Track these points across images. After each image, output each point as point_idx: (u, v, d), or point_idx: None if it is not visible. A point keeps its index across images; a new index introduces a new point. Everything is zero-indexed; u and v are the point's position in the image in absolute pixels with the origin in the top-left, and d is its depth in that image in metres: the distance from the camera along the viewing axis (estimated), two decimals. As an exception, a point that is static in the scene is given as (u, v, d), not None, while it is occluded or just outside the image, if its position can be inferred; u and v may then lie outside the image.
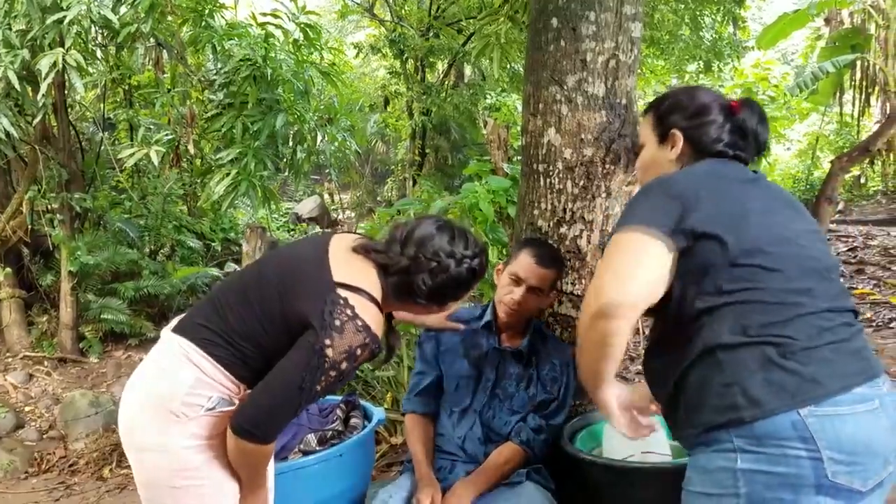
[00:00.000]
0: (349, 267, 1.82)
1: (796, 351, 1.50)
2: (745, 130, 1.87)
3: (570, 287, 2.83)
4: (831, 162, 4.10)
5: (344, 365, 1.73)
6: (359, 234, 2.04)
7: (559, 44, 2.74)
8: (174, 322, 1.91)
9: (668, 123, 1.92)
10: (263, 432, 1.74)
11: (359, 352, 1.74)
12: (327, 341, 1.69)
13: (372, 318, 1.77)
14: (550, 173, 2.81)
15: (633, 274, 1.58)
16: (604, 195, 2.79)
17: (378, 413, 2.83)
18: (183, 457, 1.76)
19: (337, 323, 1.70)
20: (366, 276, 1.84)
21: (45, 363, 6.51)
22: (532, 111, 2.84)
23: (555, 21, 2.74)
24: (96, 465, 5.15)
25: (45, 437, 5.55)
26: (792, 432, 1.44)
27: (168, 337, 1.84)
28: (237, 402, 1.81)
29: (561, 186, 2.80)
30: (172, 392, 1.75)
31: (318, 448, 2.62)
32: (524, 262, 2.56)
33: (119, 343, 6.97)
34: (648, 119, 1.99)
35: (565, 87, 2.74)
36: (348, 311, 1.72)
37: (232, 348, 1.78)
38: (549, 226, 2.85)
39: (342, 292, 1.75)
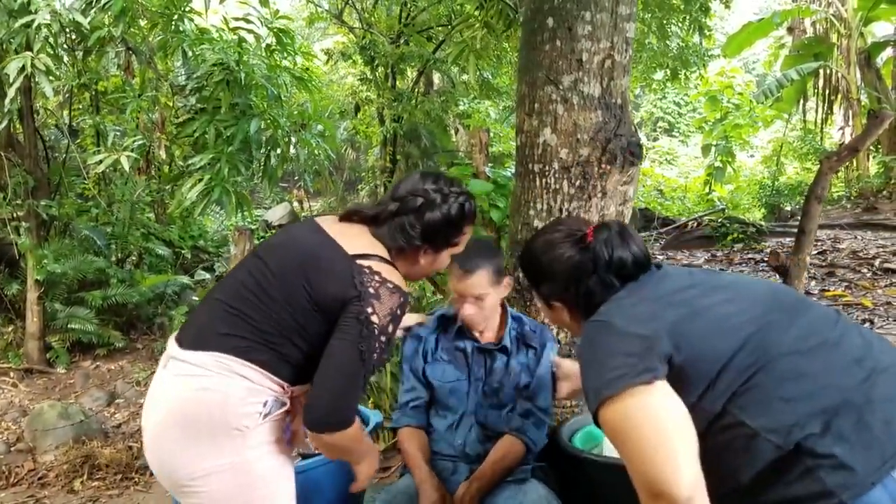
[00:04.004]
0: (351, 239, 1.85)
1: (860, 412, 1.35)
2: (598, 260, 1.67)
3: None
4: (820, 161, 4.17)
5: (390, 328, 1.78)
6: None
7: (555, 43, 2.74)
8: (173, 342, 1.83)
9: (543, 295, 1.82)
10: (340, 418, 1.74)
11: (399, 311, 1.79)
12: (370, 309, 1.73)
13: (396, 277, 1.82)
14: (546, 173, 2.81)
15: (677, 450, 1.30)
16: (600, 195, 2.80)
17: (375, 416, 2.79)
18: (255, 467, 1.75)
19: (371, 290, 1.75)
20: (367, 241, 1.88)
21: (11, 374, 6.32)
22: (527, 111, 2.84)
23: (550, 21, 2.74)
24: (67, 477, 5.01)
25: (12, 449, 5.38)
26: (884, 494, 1.31)
27: (188, 356, 1.75)
28: (287, 400, 1.81)
29: (557, 186, 2.80)
30: (225, 410, 1.70)
31: (317, 451, 2.56)
32: (452, 278, 2.49)
33: (87, 353, 6.80)
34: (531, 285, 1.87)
35: (561, 87, 2.74)
36: (377, 278, 1.77)
37: (271, 350, 1.75)
38: (544, 226, 2.83)
39: (362, 262, 1.78)
